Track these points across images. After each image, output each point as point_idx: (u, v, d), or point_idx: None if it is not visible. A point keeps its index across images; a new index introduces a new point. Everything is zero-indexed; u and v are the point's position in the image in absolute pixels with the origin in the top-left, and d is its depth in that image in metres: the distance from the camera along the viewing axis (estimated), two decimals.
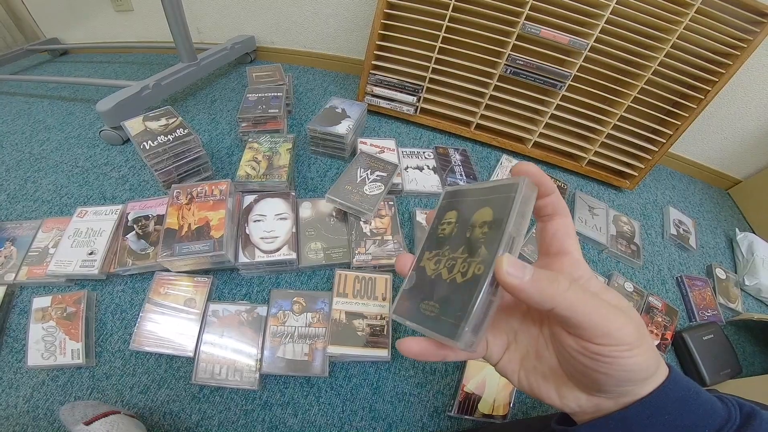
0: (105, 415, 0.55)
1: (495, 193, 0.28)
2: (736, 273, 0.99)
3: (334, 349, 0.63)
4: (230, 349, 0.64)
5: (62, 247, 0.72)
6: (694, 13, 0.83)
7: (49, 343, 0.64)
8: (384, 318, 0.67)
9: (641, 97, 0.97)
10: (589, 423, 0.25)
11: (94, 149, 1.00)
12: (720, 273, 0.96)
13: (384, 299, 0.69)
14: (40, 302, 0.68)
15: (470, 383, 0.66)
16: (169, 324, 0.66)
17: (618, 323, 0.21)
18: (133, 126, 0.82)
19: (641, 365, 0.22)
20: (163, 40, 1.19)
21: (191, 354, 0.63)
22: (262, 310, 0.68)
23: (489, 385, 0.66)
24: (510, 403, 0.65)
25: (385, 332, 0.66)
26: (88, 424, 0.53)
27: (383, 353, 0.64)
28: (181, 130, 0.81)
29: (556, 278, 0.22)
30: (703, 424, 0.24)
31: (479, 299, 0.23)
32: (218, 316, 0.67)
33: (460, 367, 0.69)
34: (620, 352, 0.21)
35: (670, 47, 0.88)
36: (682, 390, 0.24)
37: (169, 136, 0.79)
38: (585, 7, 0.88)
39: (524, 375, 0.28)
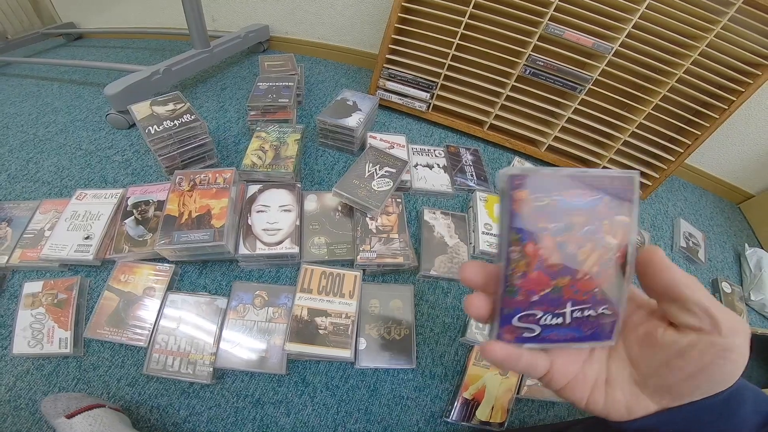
0: (89, 408, 0.52)
1: (396, 290, 0.70)
2: (742, 288, 0.96)
3: (293, 347, 0.60)
4: (185, 342, 0.61)
5: (58, 230, 0.69)
6: (727, 21, 0.79)
7: (37, 330, 0.62)
8: (349, 317, 0.64)
9: (662, 104, 0.93)
10: (655, 415, 0.25)
11: (98, 133, 0.98)
12: (726, 287, 0.94)
13: (351, 297, 0.66)
14: (31, 287, 0.65)
15: (469, 389, 0.64)
16: (129, 312, 0.64)
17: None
18: (140, 110, 0.79)
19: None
20: (178, 27, 1.19)
21: (144, 344, 0.61)
22: (221, 302, 0.65)
23: (489, 391, 0.64)
24: (508, 411, 0.63)
25: (349, 332, 0.62)
26: (69, 417, 0.51)
27: (345, 354, 0.61)
28: (189, 115, 0.78)
29: None
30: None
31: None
32: (176, 307, 0.64)
33: (460, 372, 0.66)
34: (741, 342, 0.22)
35: (698, 55, 0.84)
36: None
37: (175, 122, 0.76)
38: (613, 10, 0.84)
39: (593, 397, 0.27)
